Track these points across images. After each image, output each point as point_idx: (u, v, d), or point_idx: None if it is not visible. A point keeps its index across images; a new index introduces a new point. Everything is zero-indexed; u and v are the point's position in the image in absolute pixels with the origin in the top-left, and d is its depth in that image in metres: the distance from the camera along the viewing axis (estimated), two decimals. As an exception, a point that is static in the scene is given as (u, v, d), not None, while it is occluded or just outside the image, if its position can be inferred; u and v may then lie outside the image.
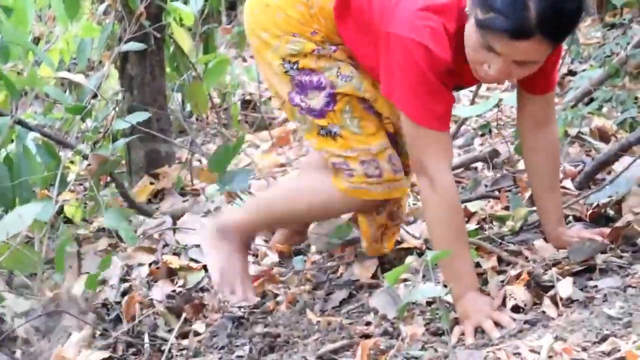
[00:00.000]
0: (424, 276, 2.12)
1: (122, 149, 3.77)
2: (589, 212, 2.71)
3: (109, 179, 3.57)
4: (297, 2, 2.50)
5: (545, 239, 2.58)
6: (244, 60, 6.17)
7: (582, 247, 2.41)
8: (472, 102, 4.01)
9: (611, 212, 2.69)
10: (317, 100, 2.52)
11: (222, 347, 2.55)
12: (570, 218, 2.72)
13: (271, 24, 2.53)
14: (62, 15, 3.61)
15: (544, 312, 2.22)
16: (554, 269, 2.35)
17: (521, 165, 3.31)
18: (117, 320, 2.80)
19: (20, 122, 3.20)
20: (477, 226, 2.85)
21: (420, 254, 2.69)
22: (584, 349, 1.97)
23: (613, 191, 2.72)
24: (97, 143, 3.71)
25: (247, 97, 5.32)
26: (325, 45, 2.51)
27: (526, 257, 2.52)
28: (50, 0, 3.64)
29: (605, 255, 2.39)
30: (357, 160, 2.52)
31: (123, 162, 3.86)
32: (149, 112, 3.42)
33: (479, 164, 3.52)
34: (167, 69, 4.06)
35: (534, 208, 2.67)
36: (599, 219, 2.68)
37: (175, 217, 3.40)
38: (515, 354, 2.00)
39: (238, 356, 2.48)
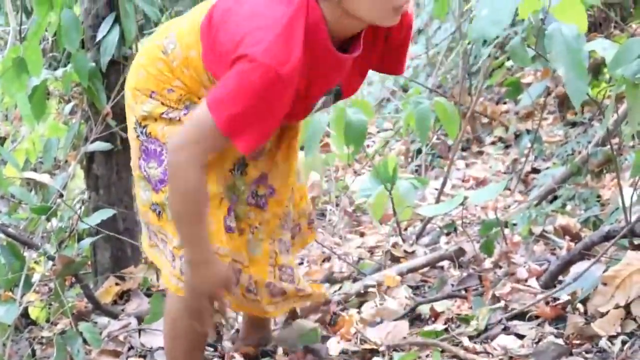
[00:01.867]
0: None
1: (87, 249, 3.75)
2: (552, 309, 2.73)
3: (74, 279, 3.54)
4: (157, 59, 2.44)
5: None
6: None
7: (546, 349, 2.42)
8: (438, 201, 4.05)
9: (575, 311, 2.71)
10: (155, 172, 2.46)
11: None
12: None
13: (134, 83, 2.50)
14: (28, 115, 3.61)
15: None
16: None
17: (487, 264, 3.33)
18: None
19: (-16, 224, 3.19)
20: (444, 326, 2.85)
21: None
22: None
23: (578, 288, 2.74)
24: (62, 243, 3.68)
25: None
26: (179, 105, 2.42)
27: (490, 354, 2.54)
28: (16, 100, 3.64)
29: (571, 358, 2.40)
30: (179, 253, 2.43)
31: (89, 262, 3.83)
32: (114, 210, 3.42)
33: (445, 263, 3.53)
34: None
35: (497, 305, 2.69)
36: (562, 317, 2.70)
37: (141, 319, 3.37)
38: None
39: None
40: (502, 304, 2.87)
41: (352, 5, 2.19)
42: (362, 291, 3.22)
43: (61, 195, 3.52)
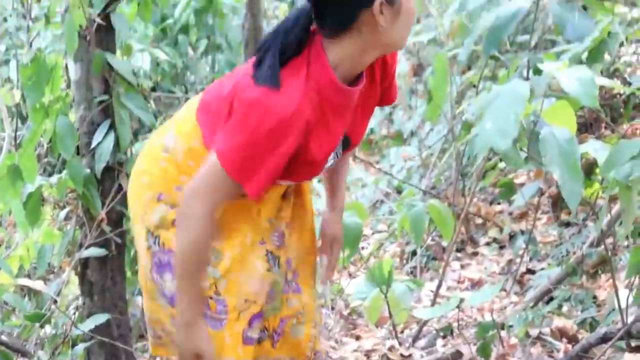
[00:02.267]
0: None
1: (81, 355, 3.71)
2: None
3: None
4: (160, 159, 2.44)
5: None
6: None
7: None
8: (433, 303, 4.03)
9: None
10: (170, 285, 2.42)
11: None
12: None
13: (139, 190, 2.48)
14: (22, 222, 3.62)
15: None
16: None
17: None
18: None
19: (-23, 331, 3.16)
20: None
21: None
22: None
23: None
24: (56, 350, 3.65)
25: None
26: None
27: None
28: (11, 206, 3.65)
29: None
30: None
31: (82, 369, 3.79)
32: (108, 315, 3.40)
33: (443, 366, 3.50)
34: (128, 274, 4.05)
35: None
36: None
37: None
38: None
39: None
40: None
41: (391, 34, 2.25)
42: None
43: (55, 302, 3.50)
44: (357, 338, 4.30)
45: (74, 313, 3.78)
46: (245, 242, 2.44)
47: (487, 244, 5.65)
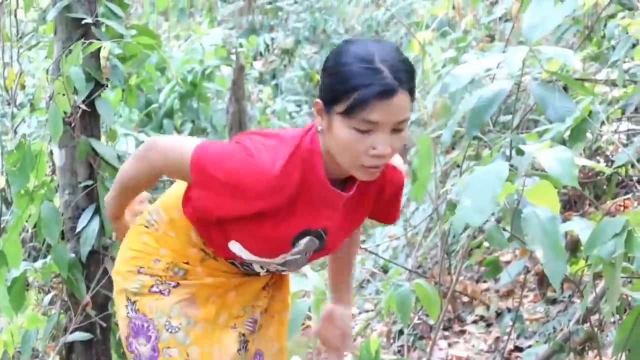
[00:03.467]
0: None
1: None
2: None
3: None
4: (141, 233, 2.56)
5: None
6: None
7: None
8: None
9: None
10: (145, 349, 2.48)
11: None
12: None
13: (121, 265, 2.57)
14: (7, 307, 3.60)
15: None
16: None
17: None
18: None
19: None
20: None
21: None
22: None
23: None
24: None
25: None
26: (167, 274, 2.51)
27: None
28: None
29: None
30: None
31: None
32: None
33: None
34: (114, 357, 4.02)
35: None
36: None
37: None
38: None
39: None
40: None
41: (330, 148, 2.26)
42: None
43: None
44: (346, 420, 4.26)
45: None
46: (217, 321, 2.52)
47: (474, 322, 5.63)
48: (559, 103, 2.83)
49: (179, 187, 2.53)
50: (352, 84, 2.16)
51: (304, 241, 2.41)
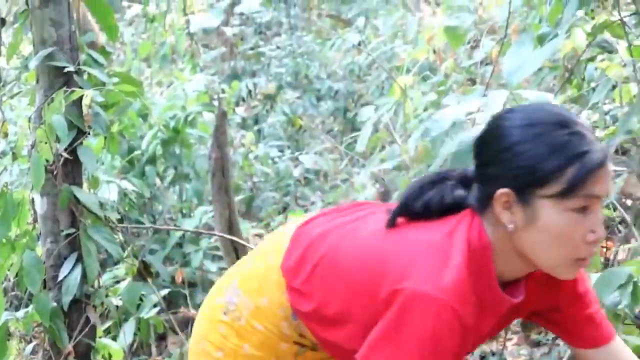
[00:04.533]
0: None
1: None
2: None
3: None
4: (219, 322, 2.13)
5: None
6: None
7: None
8: None
9: None
10: None
11: None
12: None
13: (199, 356, 2.16)
14: (-12, 358, 3.57)
15: None
16: None
17: None
18: None
19: None
20: None
21: None
22: None
23: None
24: None
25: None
26: None
27: None
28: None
29: None
30: None
31: None
32: None
33: None
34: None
35: None
36: None
37: None
38: None
39: None
40: None
41: (526, 245, 1.85)
42: None
43: None
44: None
45: None
46: None
47: (460, 366, 5.60)
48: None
49: (264, 265, 2.13)
50: (567, 155, 1.77)
51: None
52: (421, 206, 1.93)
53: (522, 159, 1.79)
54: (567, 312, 2.08)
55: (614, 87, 4.04)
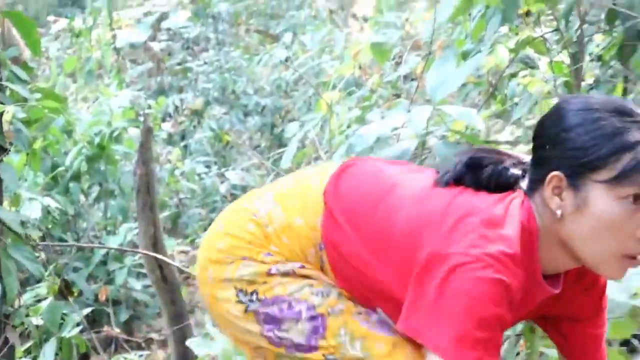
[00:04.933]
0: None
1: None
2: None
3: None
4: (248, 221, 2.05)
5: None
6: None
7: None
8: None
9: None
10: (297, 331, 2.00)
11: None
12: None
13: (213, 252, 2.08)
14: None
15: None
16: None
17: None
18: None
19: None
20: None
21: None
22: None
23: None
24: None
25: None
26: (284, 262, 2.02)
27: None
28: None
29: None
30: None
31: None
32: None
33: None
34: None
35: None
36: None
37: None
38: None
39: None
40: None
41: (573, 234, 1.81)
42: None
43: None
44: None
45: None
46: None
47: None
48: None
49: (311, 189, 2.07)
50: (623, 141, 1.73)
51: None
52: (479, 175, 1.91)
53: (578, 142, 1.77)
54: (580, 325, 2.07)
55: (536, 102, 4.08)
